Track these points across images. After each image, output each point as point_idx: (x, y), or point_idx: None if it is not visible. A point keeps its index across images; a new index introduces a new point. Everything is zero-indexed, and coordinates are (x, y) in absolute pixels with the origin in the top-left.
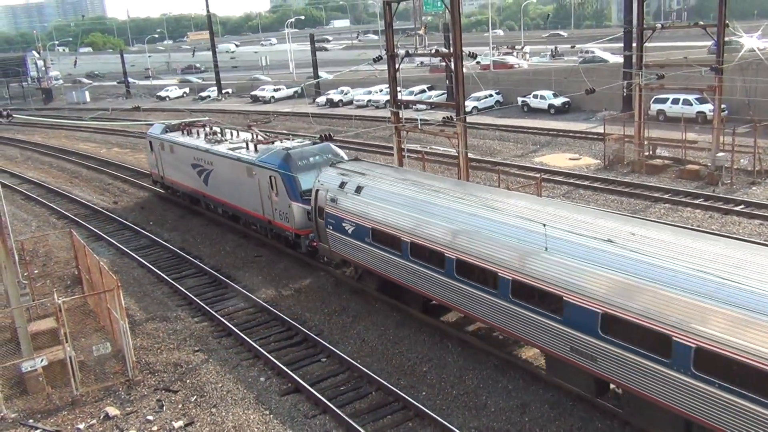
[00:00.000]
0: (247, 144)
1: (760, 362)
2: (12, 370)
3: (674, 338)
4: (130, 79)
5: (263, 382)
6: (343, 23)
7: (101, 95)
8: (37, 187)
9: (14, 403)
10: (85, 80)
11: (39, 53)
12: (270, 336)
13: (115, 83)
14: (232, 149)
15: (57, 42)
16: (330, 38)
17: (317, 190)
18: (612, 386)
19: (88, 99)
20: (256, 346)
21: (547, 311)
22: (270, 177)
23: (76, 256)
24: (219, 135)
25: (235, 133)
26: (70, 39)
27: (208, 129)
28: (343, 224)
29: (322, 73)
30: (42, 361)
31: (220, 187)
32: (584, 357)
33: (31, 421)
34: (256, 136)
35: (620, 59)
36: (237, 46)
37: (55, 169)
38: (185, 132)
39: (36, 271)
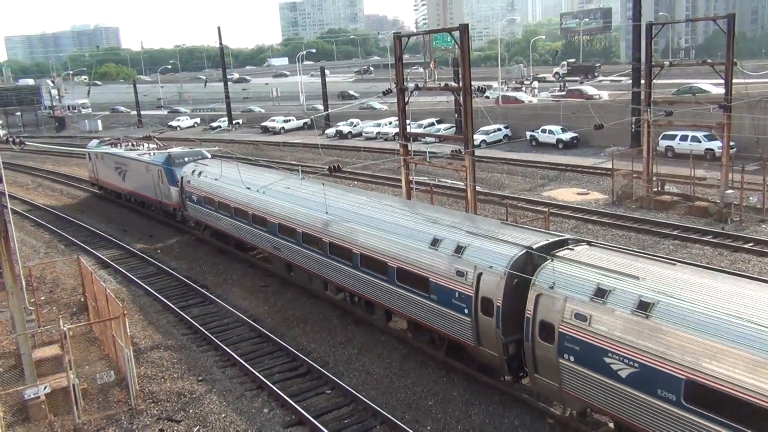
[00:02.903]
0: (149, 151)
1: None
2: (15, 397)
3: None
4: (144, 112)
5: (267, 414)
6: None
7: (113, 124)
8: (47, 213)
9: (16, 431)
10: (122, 108)
11: (53, 82)
12: (275, 366)
13: (129, 112)
14: (139, 155)
15: (72, 72)
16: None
17: (182, 177)
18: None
19: (100, 128)
20: (261, 377)
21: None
22: (158, 171)
23: (83, 283)
24: (133, 146)
25: (145, 144)
26: (85, 69)
27: (128, 143)
28: (192, 196)
29: (339, 107)
30: (45, 388)
31: (131, 183)
32: None
33: None
34: (154, 146)
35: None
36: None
37: (66, 196)
38: (112, 145)
39: (43, 298)
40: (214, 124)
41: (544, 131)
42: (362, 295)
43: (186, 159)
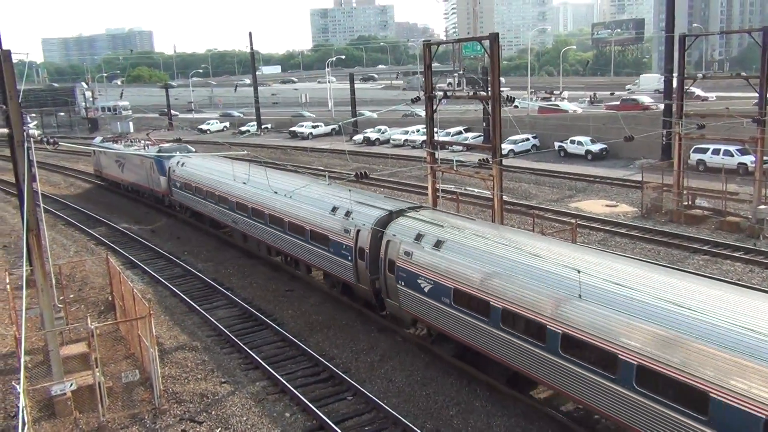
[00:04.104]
0: (144, 147)
1: None
2: (42, 393)
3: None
4: (181, 115)
5: (288, 418)
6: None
7: (144, 126)
8: (77, 213)
9: (42, 426)
10: (172, 111)
11: (87, 84)
12: (297, 371)
13: (157, 115)
14: (136, 150)
15: (105, 74)
16: (376, 76)
17: (169, 167)
18: None
19: (131, 129)
20: (283, 381)
21: None
22: (150, 163)
23: (111, 283)
24: (131, 142)
25: (143, 142)
26: (118, 71)
27: (126, 139)
28: (176, 183)
29: (365, 111)
30: (71, 385)
31: (129, 174)
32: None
33: None
34: (149, 142)
35: None
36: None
37: (96, 195)
38: (114, 142)
39: (72, 296)
40: (243, 128)
41: (573, 142)
42: (291, 254)
43: (174, 153)
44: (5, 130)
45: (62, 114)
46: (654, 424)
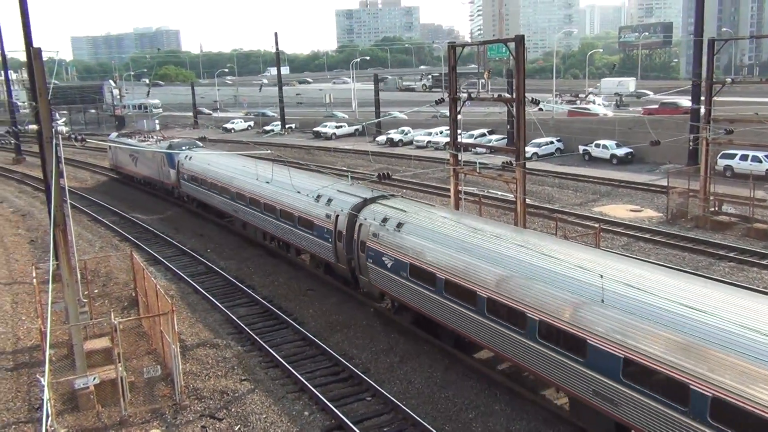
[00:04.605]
0: (156, 141)
1: None
2: (66, 386)
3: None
4: (206, 110)
5: (307, 416)
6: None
7: (170, 124)
8: (103, 209)
9: (65, 419)
10: (206, 110)
11: (115, 83)
12: (316, 370)
13: (185, 113)
14: (149, 145)
15: (133, 72)
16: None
17: (178, 161)
18: None
19: (157, 127)
20: (303, 380)
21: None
22: (161, 157)
23: (135, 278)
24: (144, 137)
25: (155, 136)
26: (145, 70)
27: (140, 135)
28: (185, 176)
29: (394, 112)
30: (94, 379)
31: (142, 168)
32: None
33: None
34: (160, 137)
35: None
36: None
37: (122, 192)
38: (128, 137)
39: (96, 291)
40: (267, 128)
41: (597, 146)
42: (283, 239)
43: (183, 147)
44: (35, 127)
45: (95, 111)
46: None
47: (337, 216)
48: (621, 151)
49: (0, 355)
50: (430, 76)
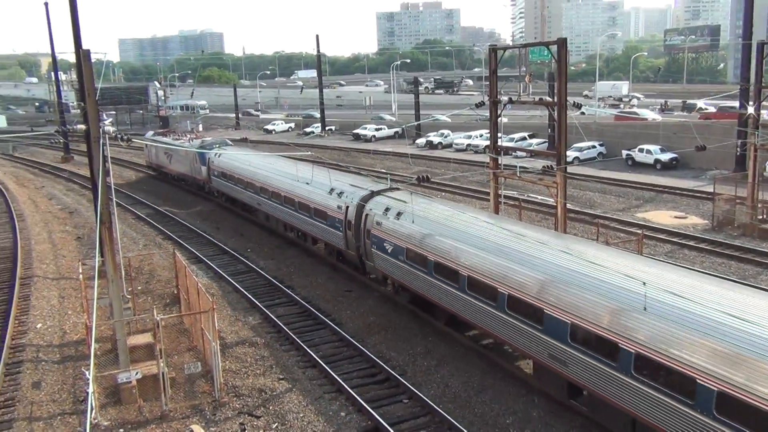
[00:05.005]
0: (189, 140)
1: None
2: (109, 380)
3: None
4: (253, 111)
5: (343, 417)
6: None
7: (213, 125)
8: (147, 207)
9: (108, 412)
10: (253, 111)
11: (160, 84)
12: (354, 371)
13: (227, 114)
14: (182, 144)
15: (177, 74)
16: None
17: (209, 158)
18: None
19: (200, 128)
20: (340, 380)
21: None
22: (194, 154)
23: (177, 276)
24: (179, 136)
25: (187, 135)
26: (189, 72)
27: (174, 134)
28: (215, 172)
29: (437, 114)
30: (137, 374)
31: (176, 165)
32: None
33: (121, 430)
34: (193, 136)
35: None
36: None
37: (166, 192)
38: (163, 135)
39: (139, 288)
40: (308, 130)
41: (641, 150)
42: (300, 229)
43: (213, 145)
44: (83, 127)
45: (141, 111)
46: None
47: (347, 207)
48: (665, 156)
49: (47, 348)
50: (432, 79)
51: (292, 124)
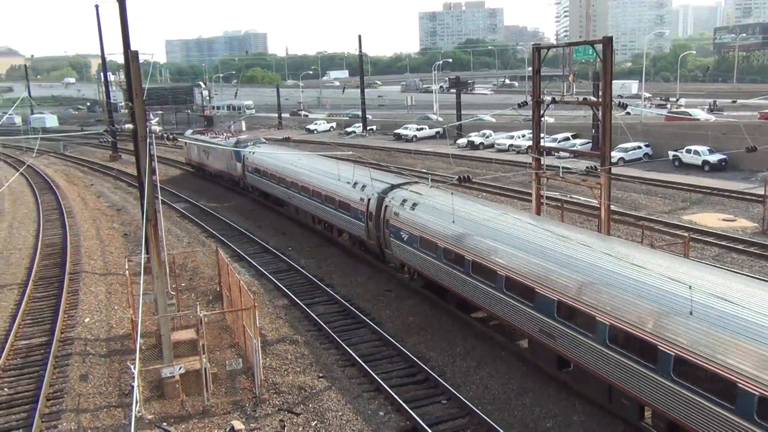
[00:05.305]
0: (226, 138)
1: None
2: (153, 374)
3: None
4: (303, 112)
5: (382, 417)
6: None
7: (255, 125)
8: (192, 206)
9: (152, 405)
10: (303, 112)
11: (205, 84)
12: (393, 371)
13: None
14: (219, 142)
15: (222, 74)
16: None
17: (243, 155)
18: None
19: (244, 128)
20: (379, 380)
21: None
22: (231, 153)
23: (219, 273)
24: (215, 135)
25: (223, 134)
26: (233, 72)
27: (211, 132)
28: (249, 168)
29: (481, 114)
30: (180, 369)
31: (214, 162)
32: None
33: (164, 424)
34: (229, 134)
35: None
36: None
37: (209, 190)
38: (201, 134)
39: (183, 284)
40: (349, 129)
41: (689, 151)
42: (327, 221)
43: (248, 143)
44: (130, 126)
45: (186, 111)
46: None
47: (369, 199)
48: (714, 158)
49: (95, 342)
50: (446, 79)
51: (334, 124)
